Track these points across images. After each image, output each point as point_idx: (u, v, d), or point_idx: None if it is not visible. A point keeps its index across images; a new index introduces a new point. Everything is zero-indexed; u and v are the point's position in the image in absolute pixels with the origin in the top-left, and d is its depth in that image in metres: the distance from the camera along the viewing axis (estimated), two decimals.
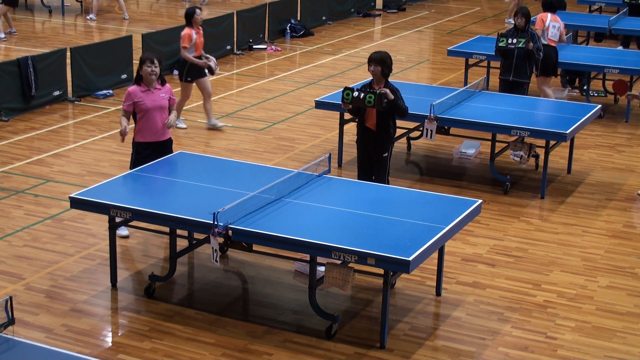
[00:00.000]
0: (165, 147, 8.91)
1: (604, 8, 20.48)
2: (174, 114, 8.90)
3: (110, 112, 13.43)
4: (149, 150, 8.76)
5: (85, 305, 7.73)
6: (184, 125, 12.71)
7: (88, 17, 20.96)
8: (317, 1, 20.73)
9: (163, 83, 8.86)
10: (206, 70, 12.29)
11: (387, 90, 8.72)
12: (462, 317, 7.66)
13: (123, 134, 8.72)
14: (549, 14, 13.51)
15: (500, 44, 12.31)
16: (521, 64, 12.27)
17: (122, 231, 8.93)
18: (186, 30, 12.13)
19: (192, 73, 12.28)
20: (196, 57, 12.19)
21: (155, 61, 8.72)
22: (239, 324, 7.44)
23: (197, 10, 12.20)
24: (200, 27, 12.30)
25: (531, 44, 12.14)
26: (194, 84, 12.40)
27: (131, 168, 8.77)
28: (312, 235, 6.97)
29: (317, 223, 7.31)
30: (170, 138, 8.97)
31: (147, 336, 7.22)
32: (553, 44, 13.42)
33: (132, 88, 8.79)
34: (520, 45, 12.14)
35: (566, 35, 15.51)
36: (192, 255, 8.60)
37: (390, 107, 8.83)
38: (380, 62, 8.86)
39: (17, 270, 8.32)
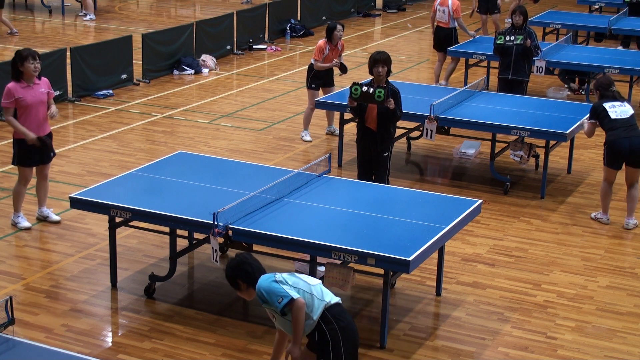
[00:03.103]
0: (49, 141, 8.99)
1: (604, 8, 20.47)
2: (54, 106, 8.97)
3: (110, 112, 13.43)
4: (32, 145, 8.84)
5: (85, 305, 7.73)
6: (309, 138, 12.23)
7: (81, 13, 20.88)
8: (317, 1, 20.74)
9: (39, 77, 8.91)
10: (339, 72, 12.07)
11: (392, 101, 8.79)
12: (462, 317, 7.66)
13: (33, 140, 8.74)
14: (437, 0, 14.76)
15: (498, 42, 12.32)
16: (519, 61, 12.28)
17: (23, 223, 9.09)
18: (321, 43, 11.87)
19: (317, 81, 12.03)
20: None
21: (37, 57, 8.76)
22: (239, 324, 7.44)
23: (339, 27, 11.84)
24: (336, 45, 11.90)
25: (529, 41, 12.15)
26: (320, 91, 12.08)
27: (16, 164, 8.97)
28: (312, 235, 6.97)
29: (317, 223, 7.31)
30: (50, 132, 9.04)
31: (147, 336, 7.22)
32: (443, 25, 14.81)
33: (12, 85, 8.74)
34: (518, 42, 12.14)
35: (566, 35, 15.54)
36: (192, 255, 8.59)
37: (387, 115, 8.92)
38: (387, 62, 8.94)
39: (17, 270, 8.32)
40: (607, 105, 9.54)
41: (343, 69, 12.06)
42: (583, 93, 14.75)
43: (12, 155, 9.14)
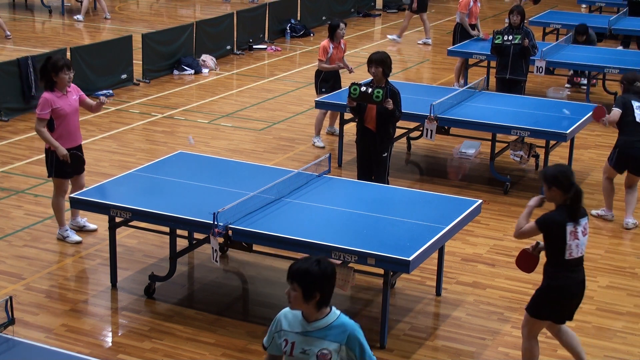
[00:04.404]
0: (80, 151, 8.82)
1: (604, 8, 20.47)
2: (93, 101, 8.89)
3: (110, 112, 13.43)
4: (71, 157, 8.67)
5: (85, 305, 7.73)
6: (321, 144, 12.01)
7: (75, 17, 20.88)
8: (317, 1, 20.74)
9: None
10: (347, 70, 12.03)
11: (391, 102, 8.78)
12: (462, 317, 7.66)
13: (64, 157, 8.52)
14: None
15: (496, 42, 12.32)
16: (517, 61, 12.29)
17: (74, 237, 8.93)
18: (324, 43, 11.82)
19: (325, 84, 11.93)
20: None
21: (71, 66, 8.62)
22: (239, 324, 7.44)
23: (341, 24, 11.77)
24: (339, 43, 11.88)
25: (526, 40, 12.15)
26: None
27: (53, 175, 8.69)
28: (312, 235, 6.97)
29: (317, 223, 7.31)
30: (81, 144, 8.86)
31: (147, 336, 7.22)
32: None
33: (49, 95, 8.48)
34: (515, 41, 12.14)
35: (566, 35, 15.54)
36: (192, 255, 8.59)
37: (387, 115, 8.91)
38: (381, 63, 8.92)
39: (17, 270, 8.32)
40: (635, 103, 9.48)
41: (349, 70, 12.05)
42: (584, 88, 14.79)
43: (45, 166, 8.81)
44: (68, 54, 13.99)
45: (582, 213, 6.27)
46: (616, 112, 9.47)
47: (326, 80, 11.95)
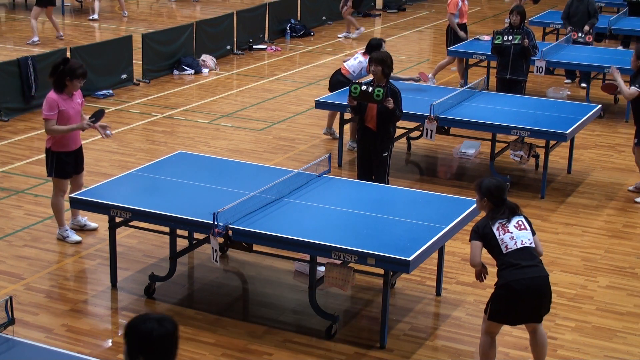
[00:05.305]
0: (81, 152, 8.88)
1: (604, 8, 20.47)
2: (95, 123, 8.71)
3: (110, 112, 13.42)
4: (71, 157, 8.71)
5: (85, 305, 7.73)
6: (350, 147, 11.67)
7: (90, 18, 20.96)
8: (317, 1, 20.74)
9: None
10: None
11: (391, 101, 8.79)
12: (462, 317, 7.66)
13: (88, 124, 8.54)
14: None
15: (496, 42, 12.32)
16: (517, 61, 12.28)
17: (74, 236, 8.93)
18: (362, 58, 11.50)
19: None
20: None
21: (86, 76, 8.66)
22: (239, 324, 7.43)
23: (383, 45, 11.22)
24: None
25: (527, 41, 12.14)
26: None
27: (53, 176, 8.71)
28: (312, 235, 6.97)
29: (317, 223, 7.31)
30: (81, 145, 8.89)
31: None
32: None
33: (55, 96, 8.50)
34: (515, 41, 12.14)
35: (566, 35, 15.54)
36: (192, 255, 8.59)
37: (387, 114, 8.91)
38: (381, 62, 8.93)
39: (17, 270, 8.32)
40: None
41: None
42: (584, 86, 14.80)
43: (45, 166, 8.83)
44: (68, 53, 13.99)
45: (512, 213, 6.43)
46: (636, 92, 10.03)
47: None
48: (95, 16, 20.85)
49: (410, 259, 6.60)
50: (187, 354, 6.96)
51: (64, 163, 8.64)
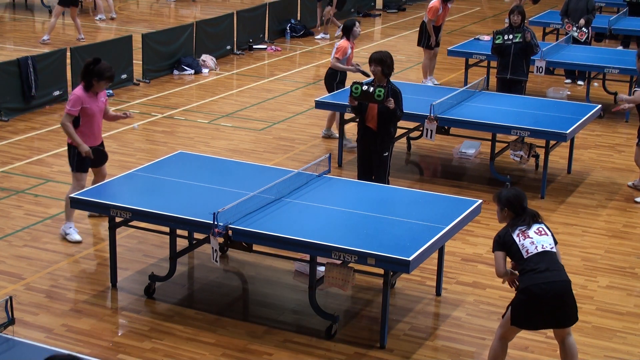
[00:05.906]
0: (102, 147, 9.01)
1: (604, 8, 20.47)
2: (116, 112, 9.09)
3: None
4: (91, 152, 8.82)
5: (85, 305, 7.73)
6: (353, 144, 11.24)
7: (97, 18, 20.96)
8: (317, 1, 20.72)
9: None
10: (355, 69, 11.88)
11: (392, 101, 8.79)
12: (462, 317, 7.66)
13: (87, 153, 8.70)
14: None
15: (497, 42, 12.30)
16: (518, 61, 12.26)
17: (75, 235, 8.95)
18: (343, 43, 11.68)
19: (341, 86, 11.82)
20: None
21: (113, 79, 8.85)
22: (239, 324, 7.44)
23: (357, 23, 11.71)
24: (354, 42, 11.84)
25: (528, 34, 12.04)
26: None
27: (75, 170, 8.79)
28: (312, 235, 6.97)
29: (317, 223, 7.31)
30: (102, 141, 9.05)
31: (147, 336, 7.22)
32: None
33: (81, 93, 8.64)
34: (517, 40, 12.11)
35: (566, 35, 15.54)
36: (192, 255, 8.59)
37: (388, 114, 8.92)
38: (380, 62, 8.93)
39: (17, 270, 8.32)
40: None
41: (365, 74, 11.68)
42: (580, 84, 14.81)
43: (68, 160, 8.92)
44: (68, 53, 14.00)
45: (533, 220, 6.44)
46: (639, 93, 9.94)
47: (342, 81, 11.89)
48: (102, 16, 20.86)
49: (410, 259, 6.60)
50: (187, 354, 6.96)
51: (84, 157, 8.79)
